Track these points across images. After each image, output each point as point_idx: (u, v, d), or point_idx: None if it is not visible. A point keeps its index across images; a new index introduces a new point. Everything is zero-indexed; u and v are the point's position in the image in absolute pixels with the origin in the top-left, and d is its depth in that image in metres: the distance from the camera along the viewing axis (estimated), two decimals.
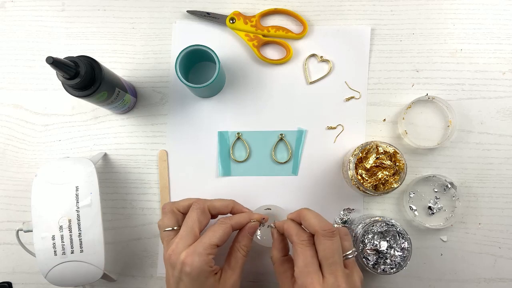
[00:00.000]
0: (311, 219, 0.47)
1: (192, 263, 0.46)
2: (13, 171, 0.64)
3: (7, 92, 0.65)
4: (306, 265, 0.44)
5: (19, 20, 0.65)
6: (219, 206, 0.53)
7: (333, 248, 0.45)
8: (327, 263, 0.44)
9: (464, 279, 0.61)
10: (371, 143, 0.55)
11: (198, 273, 0.46)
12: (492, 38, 0.62)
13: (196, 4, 0.64)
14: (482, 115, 0.62)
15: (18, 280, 0.63)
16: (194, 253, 0.46)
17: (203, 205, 0.51)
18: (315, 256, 0.45)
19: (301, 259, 0.45)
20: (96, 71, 0.51)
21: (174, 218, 0.52)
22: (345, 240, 0.47)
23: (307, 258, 0.45)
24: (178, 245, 0.48)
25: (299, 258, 0.45)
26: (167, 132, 0.63)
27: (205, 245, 0.47)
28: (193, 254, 0.46)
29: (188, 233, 0.49)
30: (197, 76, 0.63)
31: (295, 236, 0.47)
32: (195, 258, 0.46)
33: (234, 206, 0.54)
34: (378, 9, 0.63)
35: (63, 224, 0.52)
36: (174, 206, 0.52)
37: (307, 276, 0.44)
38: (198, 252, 0.46)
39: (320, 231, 0.45)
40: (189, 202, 0.52)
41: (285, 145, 0.63)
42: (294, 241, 0.47)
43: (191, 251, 0.47)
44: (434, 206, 0.61)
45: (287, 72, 0.63)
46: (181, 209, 0.52)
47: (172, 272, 0.48)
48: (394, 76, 0.63)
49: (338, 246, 0.45)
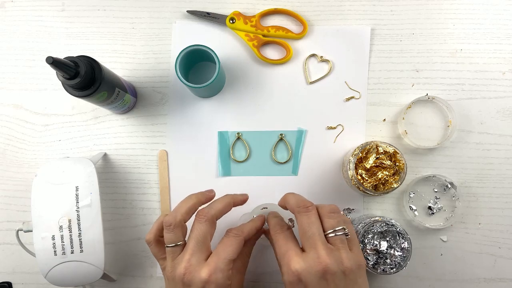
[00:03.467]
0: (290, 201, 0.47)
1: (216, 281, 0.44)
2: (13, 171, 0.64)
3: (7, 92, 0.65)
4: (280, 247, 0.44)
5: (19, 20, 0.65)
6: (224, 209, 0.50)
7: (308, 222, 0.43)
8: (305, 238, 0.43)
9: (464, 279, 0.61)
10: (371, 143, 0.55)
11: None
12: (492, 38, 0.62)
13: (196, 4, 0.64)
14: (482, 115, 0.62)
15: (18, 280, 0.63)
16: (217, 270, 0.44)
17: (210, 216, 0.48)
18: (290, 237, 0.45)
19: (277, 245, 0.45)
20: (96, 71, 0.51)
21: (180, 232, 0.47)
22: (329, 217, 0.44)
23: (281, 241, 0.45)
24: (191, 262, 0.45)
25: (275, 245, 0.45)
26: (167, 132, 0.63)
27: (226, 261, 0.45)
28: (216, 272, 0.44)
29: (200, 248, 0.46)
30: (197, 76, 0.63)
31: (272, 229, 0.47)
32: (219, 275, 0.44)
33: (235, 201, 0.53)
34: (378, 9, 0.63)
35: (63, 224, 0.52)
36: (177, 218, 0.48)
37: (284, 255, 0.43)
38: (221, 269, 0.44)
39: (296, 208, 0.45)
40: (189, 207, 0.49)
41: (285, 145, 0.63)
42: (271, 234, 0.47)
43: (213, 268, 0.44)
44: (434, 206, 0.61)
45: (287, 72, 0.63)
46: (185, 218, 0.49)
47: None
48: (394, 76, 0.63)
49: (314, 220, 0.44)
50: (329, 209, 0.45)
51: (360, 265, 0.43)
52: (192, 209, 0.50)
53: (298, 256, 0.42)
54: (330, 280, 0.41)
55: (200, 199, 0.51)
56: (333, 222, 0.44)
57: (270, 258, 0.61)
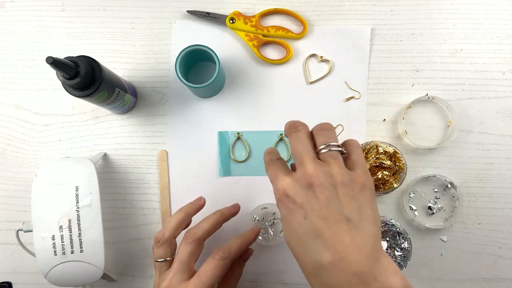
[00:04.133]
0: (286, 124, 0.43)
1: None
2: (13, 171, 0.64)
3: (7, 92, 0.65)
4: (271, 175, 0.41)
5: (19, 20, 0.65)
6: (212, 229, 0.50)
7: (296, 140, 0.40)
8: (295, 156, 0.40)
9: (464, 279, 0.61)
10: (371, 143, 0.55)
11: None
12: (492, 38, 0.62)
13: (196, 4, 0.64)
14: (482, 115, 0.62)
15: (18, 280, 0.63)
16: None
17: (196, 237, 0.49)
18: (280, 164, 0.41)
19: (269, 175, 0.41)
20: (96, 71, 0.51)
21: (168, 249, 0.50)
22: (320, 134, 0.41)
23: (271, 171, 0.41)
24: (172, 281, 0.46)
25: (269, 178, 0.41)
26: (167, 132, 0.63)
27: (205, 285, 0.45)
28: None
29: (183, 269, 0.47)
30: (197, 76, 0.63)
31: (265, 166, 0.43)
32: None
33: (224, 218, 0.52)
34: (378, 9, 0.63)
35: (63, 224, 0.52)
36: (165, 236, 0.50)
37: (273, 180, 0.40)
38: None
39: (287, 130, 0.42)
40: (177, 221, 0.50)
41: (285, 145, 0.63)
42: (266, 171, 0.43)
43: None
44: (434, 206, 0.61)
45: (287, 72, 0.63)
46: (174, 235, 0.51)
47: None
48: (394, 76, 0.63)
49: (303, 137, 0.40)
50: (320, 127, 0.42)
51: (362, 185, 0.38)
52: (181, 224, 0.51)
53: (285, 175, 0.39)
54: (318, 191, 0.37)
55: (188, 211, 0.52)
56: (323, 138, 0.40)
57: (270, 258, 0.61)
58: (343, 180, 0.37)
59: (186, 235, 0.49)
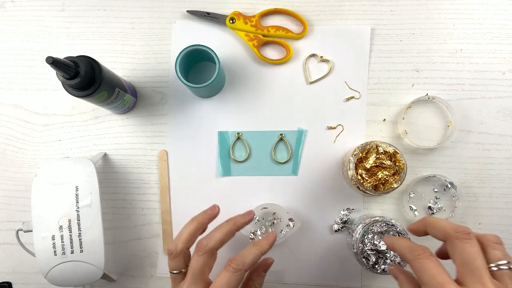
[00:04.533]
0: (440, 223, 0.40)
1: None
2: (13, 171, 0.64)
3: (7, 92, 0.65)
4: (434, 277, 0.36)
5: (19, 20, 0.65)
6: (225, 239, 0.48)
7: (472, 251, 0.37)
8: (468, 270, 0.36)
9: None
10: (371, 143, 0.55)
11: None
12: (492, 38, 0.62)
13: (196, 4, 0.64)
14: (482, 115, 0.62)
15: (18, 280, 0.63)
16: None
17: (208, 248, 0.47)
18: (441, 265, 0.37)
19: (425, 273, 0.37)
20: (96, 71, 0.51)
21: (182, 260, 0.48)
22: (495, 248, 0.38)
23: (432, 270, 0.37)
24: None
25: (422, 273, 0.37)
26: (167, 132, 0.63)
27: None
28: None
29: (196, 281, 0.45)
30: (197, 76, 0.63)
31: (408, 253, 0.39)
32: None
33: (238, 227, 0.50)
34: (378, 9, 0.63)
35: (63, 224, 0.52)
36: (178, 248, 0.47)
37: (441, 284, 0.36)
38: None
39: (453, 233, 0.38)
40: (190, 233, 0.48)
41: (285, 145, 0.63)
42: (408, 259, 0.39)
43: None
44: (434, 206, 0.61)
45: (287, 72, 0.63)
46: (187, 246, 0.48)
47: None
48: (394, 76, 0.63)
49: (478, 250, 0.37)
50: (494, 239, 0.39)
51: None
52: (194, 234, 0.49)
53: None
54: None
55: (201, 221, 0.50)
56: (500, 254, 0.38)
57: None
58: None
59: (197, 247, 0.47)
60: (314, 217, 0.62)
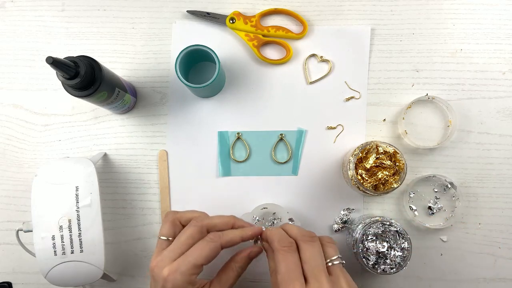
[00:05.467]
0: (292, 229, 0.47)
1: (173, 281, 0.45)
2: (13, 171, 0.64)
3: (7, 92, 0.65)
4: (288, 271, 0.43)
5: (19, 20, 0.65)
6: (219, 224, 0.50)
7: (313, 251, 0.44)
8: (309, 268, 0.43)
9: (464, 279, 0.61)
10: (371, 143, 0.55)
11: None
12: (492, 38, 0.62)
13: (196, 4, 0.64)
14: (482, 115, 0.62)
15: (18, 280, 0.63)
16: (177, 271, 0.45)
17: (201, 223, 0.49)
18: (298, 262, 0.44)
19: (283, 265, 0.43)
20: (96, 71, 0.51)
21: (172, 229, 0.50)
22: (328, 246, 0.46)
23: (289, 264, 0.43)
24: (163, 258, 0.46)
25: (281, 264, 0.43)
26: (167, 132, 0.63)
27: (189, 264, 0.45)
28: (175, 273, 0.45)
29: (176, 248, 0.47)
30: (197, 76, 0.63)
31: (276, 242, 0.45)
32: (177, 276, 0.45)
33: (235, 222, 0.51)
34: (378, 9, 0.63)
35: (63, 224, 0.52)
36: (176, 216, 0.51)
37: (288, 283, 0.42)
38: (180, 271, 0.45)
39: (300, 237, 0.45)
40: (192, 215, 0.51)
41: (285, 145, 0.63)
42: (275, 248, 0.45)
43: (174, 268, 0.45)
44: (434, 206, 0.61)
45: (287, 72, 0.63)
46: (183, 221, 0.51)
47: (154, 284, 0.47)
48: (394, 76, 0.63)
49: (318, 250, 0.44)
50: (328, 239, 0.47)
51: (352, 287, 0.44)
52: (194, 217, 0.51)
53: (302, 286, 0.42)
54: None
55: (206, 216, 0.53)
56: (332, 251, 0.46)
57: None
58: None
59: (193, 220, 0.50)
60: (314, 217, 0.62)
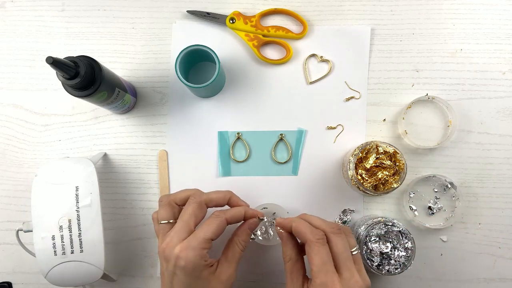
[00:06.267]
0: (316, 220, 0.48)
1: (186, 257, 0.46)
2: (13, 171, 0.64)
3: (7, 92, 0.65)
4: (325, 264, 0.44)
5: (19, 20, 0.65)
6: (216, 199, 0.52)
7: (344, 244, 0.45)
8: (341, 259, 0.44)
9: (464, 279, 0.61)
10: (371, 143, 0.55)
11: (192, 267, 0.46)
12: (492, 38, 0.62)
13: (196, 4, 0.64)
14: (482, 115, 0.62)
15: (18, 280, 0.63)
16: (188, 247, 0.46)
17: (199, 199, 0.50)
18: (330, 254, 0.45)
19: (319, 257, 0.44)
20: (96, 71, 0.51)
21: (171, 211, 0.51)
22: (350, 237, 0.48)
23: (324, 257, 0.44)
24: (172, 239, 0.47)
25: (316, 256, 0.44)
26: (167, 132, 0.63)
27: (200, 239, 0.47)
28: (187, 249, 0.46)
29: (182, 227, 0.48)
30: (197, 76, 0.63)
31: (310, 234, 0.46)
32: (189, 252, 0.46)
33: (231, 197, 0.53)
34: (378, 9, 0.63)
35: (63, 224, 0.52)
36: (171, 198, 0.52)
37: (327, 275, 0.43)
38: (192, 246, 0.46)
39: (329, 229, 0.46)
40: (186, 194, 0.52)
41: (285, 145, 0.63)
42: (309, 239, 0.46)
43: (185, 245, 0.46)
44: (434, 206, 0.61)
45: (287, 72, 0.63)
46: (179, 202, 0.52)
47: (166, 265, 0.47)
48: (394, 76, 0.63)
49: (346, 242, 0.46)
50: (348, 230, 0.49)
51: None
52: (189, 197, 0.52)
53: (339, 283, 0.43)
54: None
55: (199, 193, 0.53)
56: (353, 241, 0.48)
57: (270, 258, 0.61)
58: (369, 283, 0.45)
59: (191, 197, 0.51)
60: None
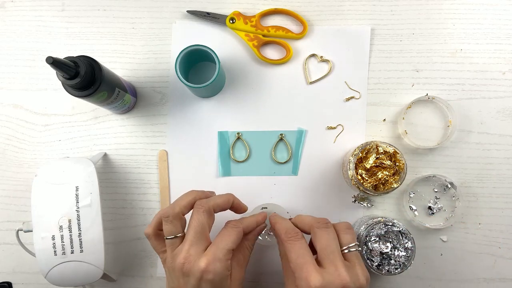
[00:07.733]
0: (305, 218, 0.48)
1: (214, 270, 0.44)
2: (13, 171, 0.64)
3: (7, 92, 0.65)
4: (298, 257, 0.44)
5: (19, 20, 0.65)
6: (222, 204, 0.51)
7: (328, 238, 0.44)
8: (325, 253, 0.44)
9: (464, 279, 0.61)
10: (371, 143, 0.55)
11: (220, 279, 0.45)
12: (492, 38, 0.62)
13: (196, 4, 0.64)
14: (482, 115, 0.62)
15: (18, 280, 0.63)
16: (215, 260, 0.45)
17: (208, 207, 0.48)
18: (306, 248, 0.45)
19: (292, 252, 0.44)
20: (96, 71, 0.51)
21: (179, 224, 0.48)
22: (346, 233, 0.46)
23: (298, 250, 0.44)
24: (190, 252, 0.45)
25: (290, 253, 0.44)
26: (167, 132, 0.63)
27: (224, 250, 0.45)
28: (215, 261, 0.44)
29: (199, 239, 0.46)
30: (197, 76, 0.63)
31: (283, 234, 0.47)
32: (217, 264, 0.44)
33: (234, 200, 0.53)
34: (378, 9, 0.63)
35: (63, 224, 0.52)
36: (177, 211, 0.48)
37: (302, 268, 0.43)
38: (219, 258, 0.45)
39: (315, 223, 0.46)
40: (189, 200, 0.49)
41: (285, 145, 0.63)
42: (282, 239, 0.46)
43: (211, 258, 0.45)
44: (434, 206, 0.61)
45: (287, 72, 0.63)
46: (184, 211, 0.49)
47: (186, 280, 0.45)
48: (394, 76, 0.63)
49: (333, 236, 0.45)
50: (345, 226, 0.47)
51: (368, 279, 0.45)
52: (191, 203, 0.50)
53: (317, 272, 0.42)
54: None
55: (200, 195, 0.51)
56: (350, 238, 0.46)
57: (270, 258, 0.61)
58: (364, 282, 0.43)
59: (196, 205, 0.48)
60: None
